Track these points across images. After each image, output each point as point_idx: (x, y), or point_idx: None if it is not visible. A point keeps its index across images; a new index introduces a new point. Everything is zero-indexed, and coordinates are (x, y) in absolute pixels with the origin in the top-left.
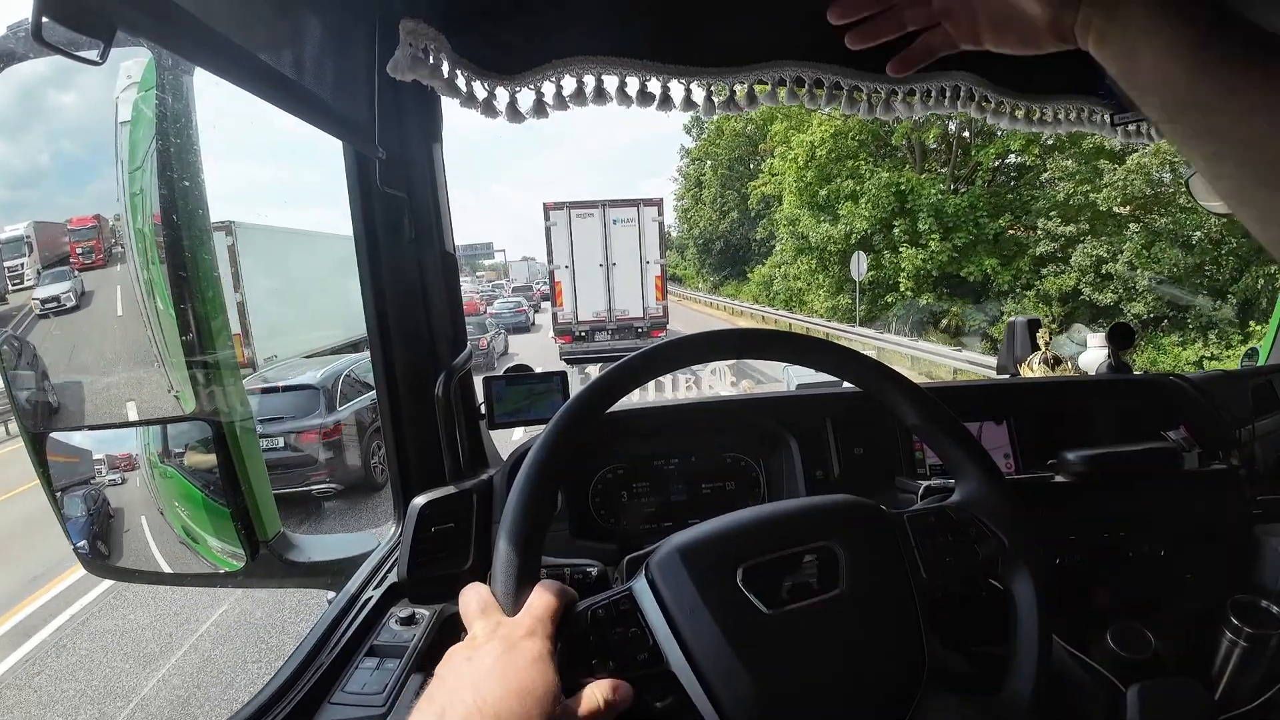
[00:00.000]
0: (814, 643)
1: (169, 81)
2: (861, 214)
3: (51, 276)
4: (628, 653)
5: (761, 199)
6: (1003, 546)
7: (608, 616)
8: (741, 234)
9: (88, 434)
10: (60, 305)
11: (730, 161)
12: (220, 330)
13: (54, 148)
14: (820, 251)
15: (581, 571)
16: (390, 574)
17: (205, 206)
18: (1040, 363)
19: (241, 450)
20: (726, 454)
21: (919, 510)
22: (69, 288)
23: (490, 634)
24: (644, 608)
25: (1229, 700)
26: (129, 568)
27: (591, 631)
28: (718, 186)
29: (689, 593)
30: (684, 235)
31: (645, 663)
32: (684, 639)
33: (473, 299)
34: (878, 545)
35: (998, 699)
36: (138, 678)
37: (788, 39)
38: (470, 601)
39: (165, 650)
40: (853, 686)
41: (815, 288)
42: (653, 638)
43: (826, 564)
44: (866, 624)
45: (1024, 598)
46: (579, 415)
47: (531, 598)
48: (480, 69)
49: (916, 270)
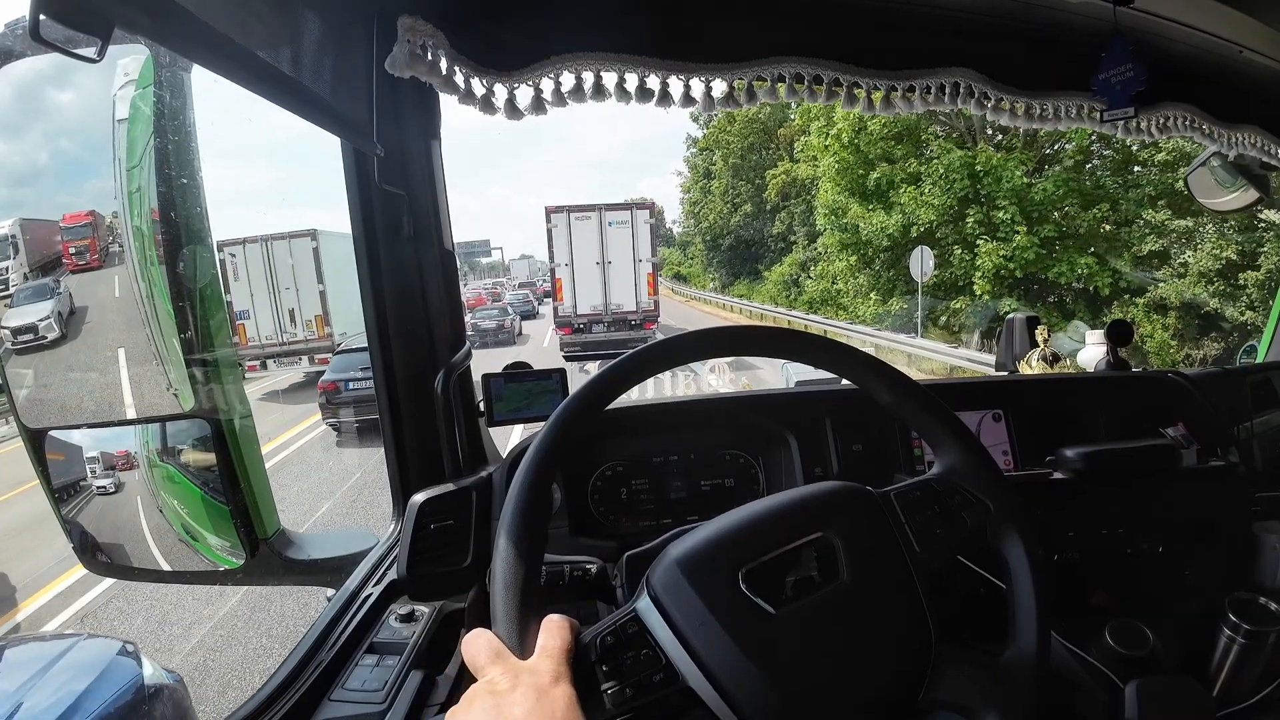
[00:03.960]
0: (825, 635)
1: (167, 79)
2: (928, 201)
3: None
4: (642, 676)
5: (780, 190)
6: (988, 511)
7: (616, 642)
8: (755, 229)
9: (86, 432)
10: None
11: (742, 150)
12: (219, 327)
13: (52, 146)
14: (869, 246)
15: (581, 569)
16: (390, 571)
17: (203, 204)
18: (1039, 359)
19: (240, 447)
20: (725, 451)
21: (903, 486)
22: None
23: (514, 681)
24: (652, 628)
25: (1227, 697)
26: (128, 565)
27: (603, 660)
28: (729, 177)
29: (695, 606)
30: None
31: (661, 683)
32: (697, 653)
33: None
34: (871, 528)
35: (1004, 660)
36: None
37: (787, 35)
38: (480, 649)
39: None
40: (868, 672)
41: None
42: (665, 657)
43: (825, 555)
44: (872, 609)
45: (1016, 557)
46: (578, 413)
47: (543, 638)
48: (479, 65)
49: (996, 269)
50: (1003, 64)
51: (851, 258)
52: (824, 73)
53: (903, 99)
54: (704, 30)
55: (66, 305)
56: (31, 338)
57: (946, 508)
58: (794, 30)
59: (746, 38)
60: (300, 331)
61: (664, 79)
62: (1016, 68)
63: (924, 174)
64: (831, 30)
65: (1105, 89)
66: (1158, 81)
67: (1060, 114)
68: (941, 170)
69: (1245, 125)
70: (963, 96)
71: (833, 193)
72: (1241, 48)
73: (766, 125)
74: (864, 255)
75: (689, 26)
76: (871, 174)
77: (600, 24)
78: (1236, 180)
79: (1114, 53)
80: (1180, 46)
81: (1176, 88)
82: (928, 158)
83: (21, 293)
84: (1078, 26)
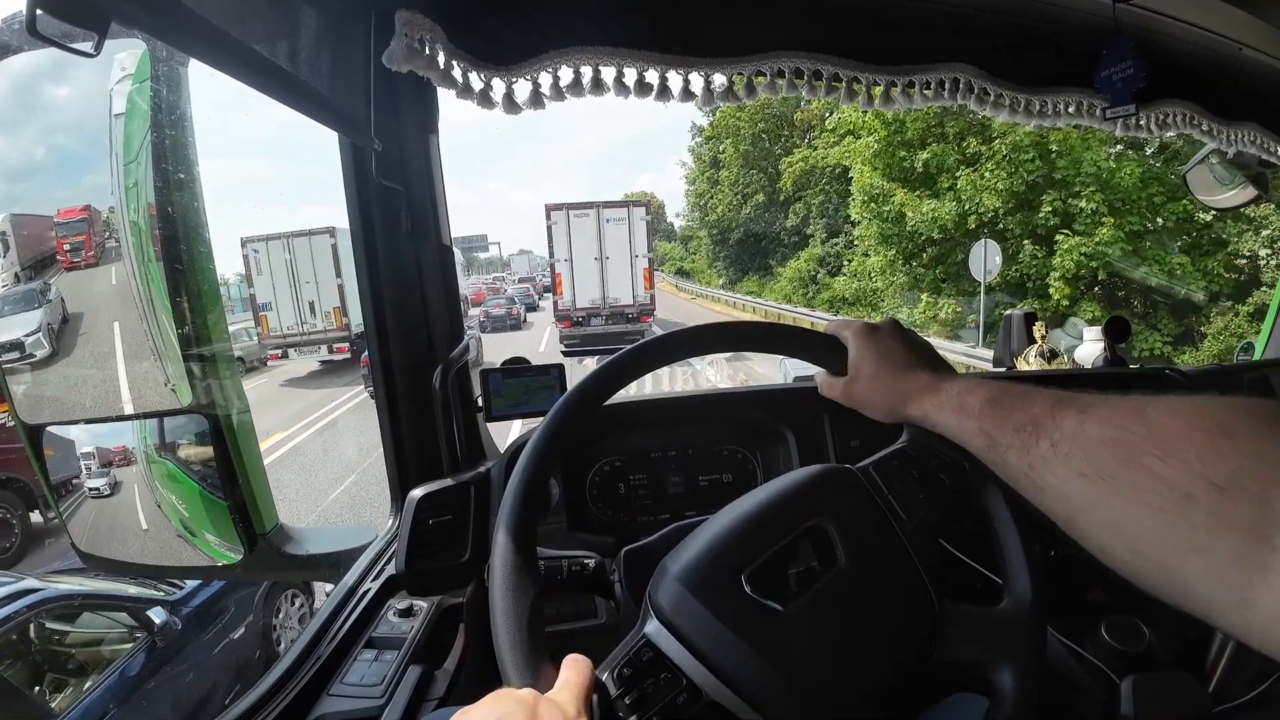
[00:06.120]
0: (834, 622)
1: (164, 73)
2: (993, 185)
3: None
4: (667, 700)
5: (796, 180)
6: (964, 468)
7: (635, 672)
8: (767, 221)
9: (84, 428)
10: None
11: (753, 137)
12: (216, 322)
13: (48, 141)
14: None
15: (579, 564)
16: (388, 566)
17: (201, 198)
18: (1036, 356)
19: (239, 443)
20: (723, 446)
21: (880, 457)
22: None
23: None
24: (667, 650)
25: (1223, 693)
26: (127, 561)
27: (625, 692)
28: (739, 167)
29: (705, 620)
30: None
31: (687, 703)
32: (716, 666)
33: (481, 289)
34: (859, 506)
35: (1002, 610)
36: None
37: (787, 30)
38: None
39: None
40: (880, 650)
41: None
42: (685, 677)
43: (820, 542)
44: (874, 587)
45: (996, 509)
46: (577, 408)
47: (567, 674)
48: (476, 60)
49: (1077, 268)
50: (1003, 60)
51: (890, 251)
52: (823, 68)
53: (903, 95)
54: (703, 25)
55: (58, 314)
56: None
57: (924, 471)
58: (794, 26)
59: (746, 33)
60: (320, 322)
61: (663, 73)
62: (1016, 64)
63: (984, 154)
64: (831, 26)
65: (1106, 86)
66: (1157, 79)
67: (1060, 110)
68: (1005, 151)
69: (1245, 123)
70: (962, 92)
71: (871, 176)
72: (1241, 45)
73: (780, 111)
74: (907, 249)
75: (688, 21)
76: (919, 155)
77: (599, 18)
78: (1235, 177)
79: (1114, 50)
80: (1180, 44)
81: (1176, 85)
82: (989, 135)
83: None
84: (1077, 23)
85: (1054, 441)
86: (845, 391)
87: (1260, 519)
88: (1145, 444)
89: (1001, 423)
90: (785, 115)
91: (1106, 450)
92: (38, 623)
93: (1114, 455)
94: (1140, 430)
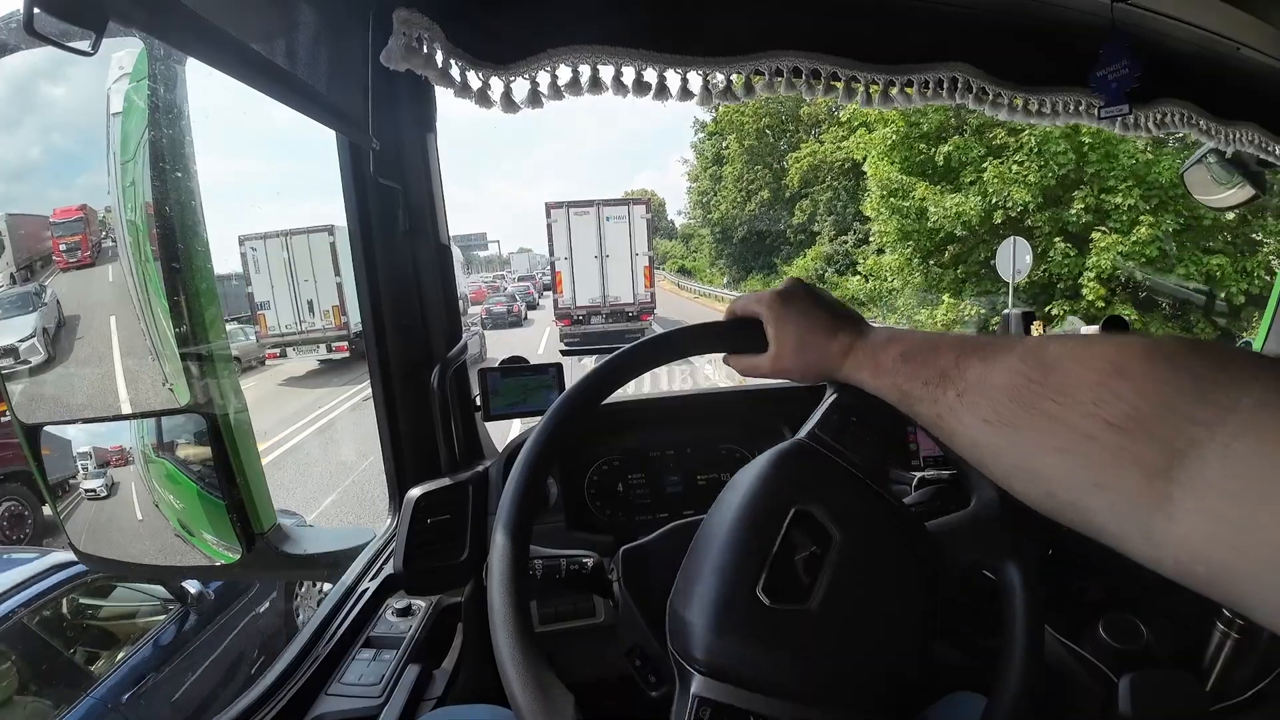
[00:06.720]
0: (851, 597)
1: (161, 72)
2: (1022, 178)
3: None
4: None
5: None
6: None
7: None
8: (772, 218)
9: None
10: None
11: (757, 133)
12: (214, 321)
13: (45, 140)
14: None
15: (578, 563)
16: (386, 565)
17: (198, 197)
18: None
19: (236, 442)
20: (721, 445)
21: (819, 418)
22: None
23: None
24: (726, 699)
25: (1221, 691)
26: (126, 561)
27: None
28: (743, 163)
29: (750, 654)
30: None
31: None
32: (781, 690)
33: (481, 287)
34: (825, 474)
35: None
36: None
37: (785, 29)
38: None
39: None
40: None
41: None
42: (751, 712)
43: (809, 525)
44: (873, 542)
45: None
46: (575, 407)
47: None
48: (475, 58)
49: (1113, 268)
50: (1000, 59)
51: (907, 249)
52: (822, 67)
53: (901, 94)
54: (702, 24)
55: (53, 318)
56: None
57: (861, 415)
58: (792, 25)
59: (745, 32)
60: (318, 321)
61: (661, 72)
62: (1014, 63)
63: (1011, 146)
64: (830, 25)
65: (1102, 85)
66: (1155, 78)
67: (1057, 110)
68: (1033, 143)
69: (1242, 122)
70: (960, 91)
71: (888, 170)
72: (1239, 45)
73: (786, 106)
74: (925, 246)
75: (687, 20)
76: (941, 148)
77: (598, 17)
78: (1233, 177)
79: (1111, 49)
80: (1178, 43)
81: (1174, 84)
82: (1016, 126)
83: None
84: (1075, 22)
85: (959, 391)
86: (772, 366)
87: (1158, 455)
88: (1043, 389)
89: (911, 377)
90: (791, 110)
91: (1006, 397)
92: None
93: (1014, 401)
94: (1038, 375)
